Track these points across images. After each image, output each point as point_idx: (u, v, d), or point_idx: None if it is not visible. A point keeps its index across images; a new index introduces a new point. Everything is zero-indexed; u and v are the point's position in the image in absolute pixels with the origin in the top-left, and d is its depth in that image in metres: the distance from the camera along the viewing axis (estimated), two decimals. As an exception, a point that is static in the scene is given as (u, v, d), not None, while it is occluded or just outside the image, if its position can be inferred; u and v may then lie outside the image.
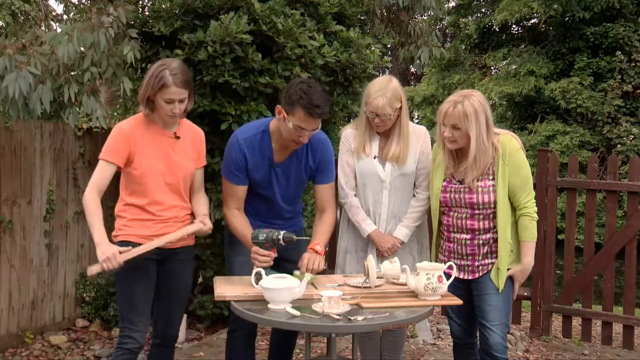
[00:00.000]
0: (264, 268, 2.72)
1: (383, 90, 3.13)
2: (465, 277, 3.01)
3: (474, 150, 2.89)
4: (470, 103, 2.88)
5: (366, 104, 3.18)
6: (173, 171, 2.94)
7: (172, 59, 3.05)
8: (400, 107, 3.19)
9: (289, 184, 3.10)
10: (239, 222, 3.04)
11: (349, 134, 3.33)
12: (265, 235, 2.80)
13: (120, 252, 2.71)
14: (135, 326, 2.90)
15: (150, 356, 3.13)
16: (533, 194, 3.00)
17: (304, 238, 3.15)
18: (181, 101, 2.84)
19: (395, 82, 3.20)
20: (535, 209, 2.99)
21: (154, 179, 2.89)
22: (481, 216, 2.96)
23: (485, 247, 2.98)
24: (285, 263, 2.95)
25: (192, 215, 3.05)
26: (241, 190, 3.05)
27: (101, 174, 2.84)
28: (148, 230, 2.88)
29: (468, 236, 2.99)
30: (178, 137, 2.98)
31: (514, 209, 2.99)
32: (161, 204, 2.91)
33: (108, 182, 2.85)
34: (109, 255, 2.66)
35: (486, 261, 2.99)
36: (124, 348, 2.90)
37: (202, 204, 3.07)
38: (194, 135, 3.08)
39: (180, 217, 2.98)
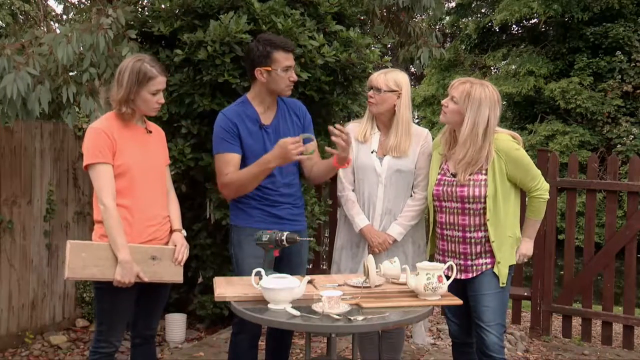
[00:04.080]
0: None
1: (386, 71, 3.31)
2: (459, 277, 3.01)
3: (465, 134, 2.92)
4: (480, 90, 2.91)
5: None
6: (154, 166, 2.92)
7: (139, 53, 3.11)
8: (399, 97, 3.24)
9: None
10: (240, 172, 3.05)
11: (350, 128, 3.38)
12: (268, 236, 2.80)
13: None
14: (115, 331, 2.88)
15: (134, 356, 3.08)
16: (539, 174, 3.05)
17: (307, 239, 3.16)
18: (163, 90, 2.88)
19: (402, 74, 3.31)
20: (546, 187, 3.06)
21: (141, 174, 2.84)
22: (471, 211, 2.96)
23: (478, 247, 2.98)
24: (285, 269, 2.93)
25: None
26: (236, 158, 3.07)
27: (105, 179, 2.76)
28: (137, 238, 2.82)
29: (459, 234, 3.00)
30: (150, 132, 2.98)
31: (516, 203, 3.03)
32: (150, 200, 2.86)
33: (114, 184, 2.79)
34: (132, 279, 2.73)
35: (480, 261, 2.99)
36: (100, 352, 2.86)
37: (175, 208, 3.03)
38: (158, 131, 3.08)
39: (163, 216, 2.95)
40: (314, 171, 3.21)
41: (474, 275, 3.00)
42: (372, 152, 3.30)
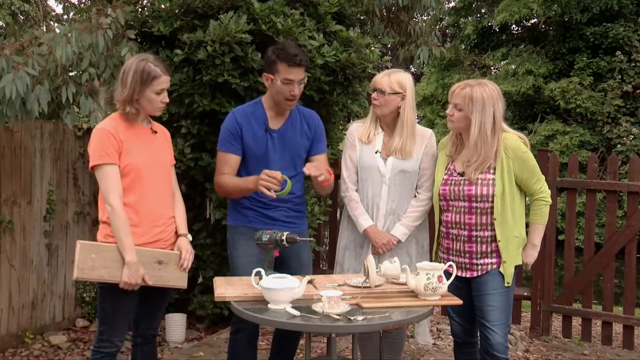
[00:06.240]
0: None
1: (390, 72, 3.27)
2: (464, 275, 3.01)
3: (474, 136, 2.93)
4: (481, 90, 2.92)
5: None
6: (160, 166, 2.92)
7: (142, 53, 3.09)
8: (403, 98, 3.23)
9: (285, 150, 3.14)
10: (230, 179, 3.12)
11: (354, 129, 3.38)
12: (268, 236, 2.80)
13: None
14: (117, 331, 2.88)
15: (135, 355, 3.08)
16: (543, 178, 3.06)
17: (307, 239, 3.15)
18: (166, 89, 2.88)
19: (406, 74, 3.29)
20: (549, 192, 3.07)
21: (147, 175, 2.84)
22: (479, 210, 2.96)
23: (484, 246, 2.98)
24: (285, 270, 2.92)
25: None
26: (234, 160, 3.12)
27: (112, 180, 2.76)
28: (142, 238, 2.82)
29: (465, 232, 3.00)
30: (155, 132, 2.98)
31: (521, 203, 3.02)
32: (156, 200, 2.86)
33: (121, 185, 2.79)
34: (138, 280, 2.75)
35: (485, 260, 2.99)
36: (102, 352, 2.87)
37: (180, 210, 3.03)
38: (163, 131, 3.08)
39: (169, 216, 2.95)
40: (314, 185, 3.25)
41: (479, 274, 3.00)
42: (376, 153, 3.29)
